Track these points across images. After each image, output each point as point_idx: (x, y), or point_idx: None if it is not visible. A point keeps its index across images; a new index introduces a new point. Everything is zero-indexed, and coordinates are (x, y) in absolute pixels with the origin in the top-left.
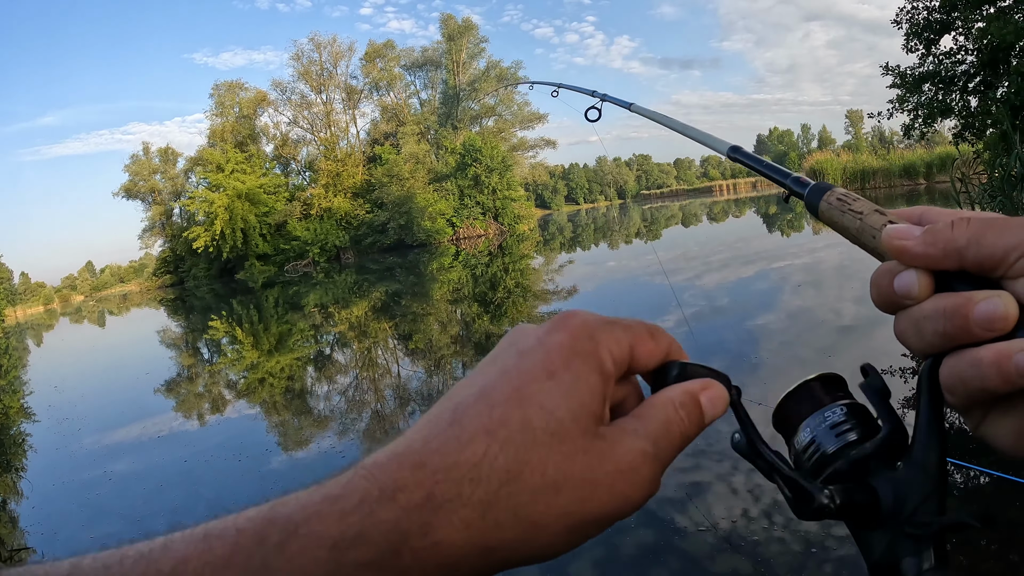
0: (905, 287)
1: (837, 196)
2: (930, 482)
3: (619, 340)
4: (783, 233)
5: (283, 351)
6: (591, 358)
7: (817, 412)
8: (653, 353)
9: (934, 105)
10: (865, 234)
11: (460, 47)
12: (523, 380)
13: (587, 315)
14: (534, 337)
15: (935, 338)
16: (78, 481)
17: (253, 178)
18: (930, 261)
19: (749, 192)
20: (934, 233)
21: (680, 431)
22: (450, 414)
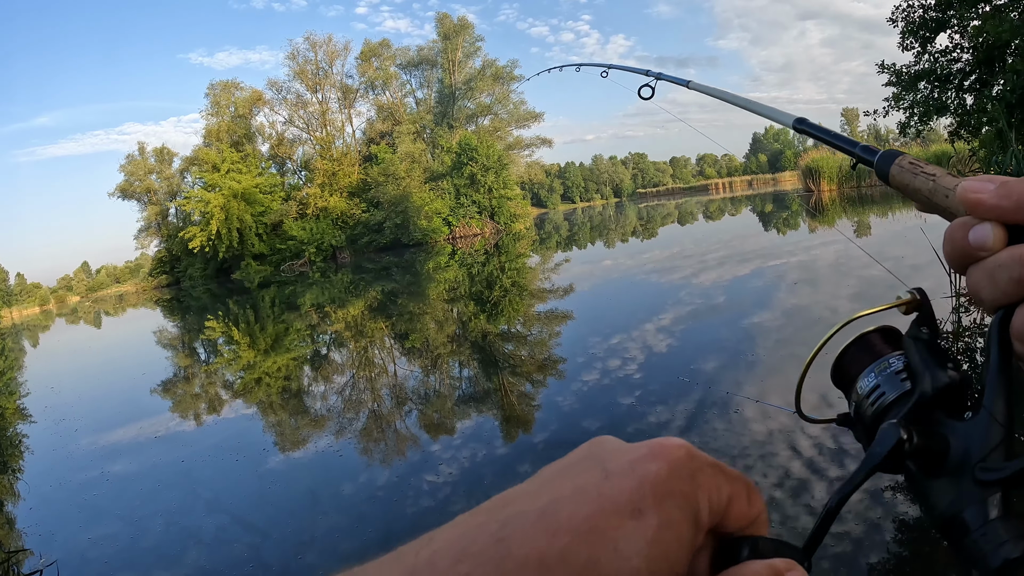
0: (980, 238)
1: (909, 160)
2: (999, 431)
3: (721, 489)
4: (779, 231)
5: (279, 351)
6: (688, 502)
7: (879, 360)
8: (744, 517)
9: (930, 103)
10: (938, 194)
11: (456, 46)
12: (602, 508)
13: (692, 449)
14: (626, 460)
15: (1010, 286)
16: (75, 482)
17: (249, 178)
18: (1005, 213)
19: (745, 190)
20: (1008, 186)
21: None
22: (497, 527)
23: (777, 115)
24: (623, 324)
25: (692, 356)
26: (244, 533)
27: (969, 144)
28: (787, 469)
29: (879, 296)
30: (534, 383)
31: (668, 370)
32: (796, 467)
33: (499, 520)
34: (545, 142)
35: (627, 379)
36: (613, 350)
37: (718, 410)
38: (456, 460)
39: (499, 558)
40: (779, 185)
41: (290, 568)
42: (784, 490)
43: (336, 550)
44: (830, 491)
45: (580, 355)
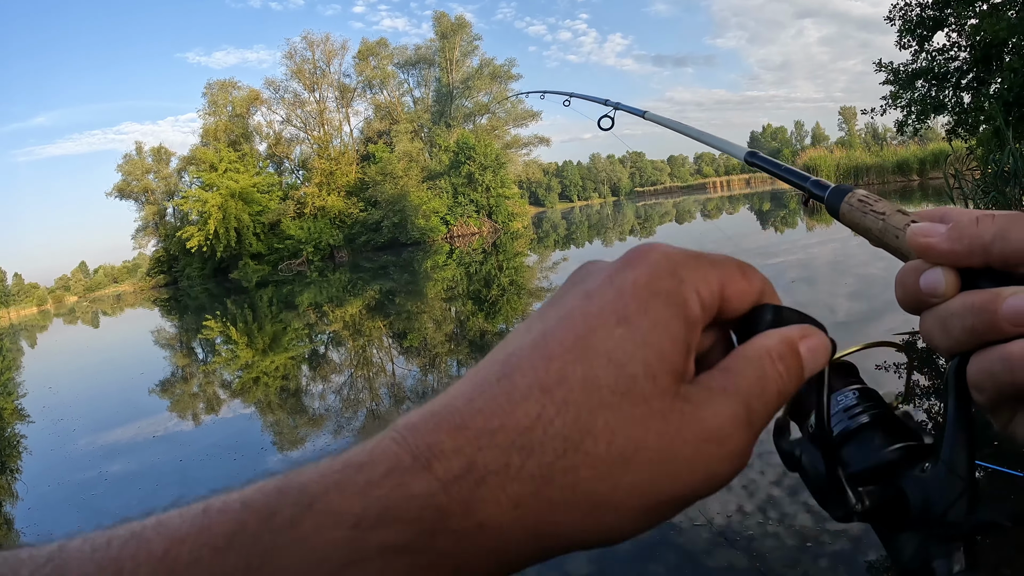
0: (931, 285)
1: (858, 198)
2: (960, 482)
3: (707, 278)
4: (776, 230)
5: (277, 350)
6: (674, 299)
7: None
8: (745, 294)
9: (927, 101)
10: (888, 234)
11: (453, 45)
12: (588, 326)
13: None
14: (604, 274)
15: (963, 335)
16: (73, 482)
17: (246, 177)
18: (956, 258)
19: (743, 189)
20: (959, 229)
21: (778, 388)
22: (500, 367)
23: (729, 148)
24: None
25: None
26: None
27: (966, 142)
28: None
29: (875, 296)
30: None
31: None
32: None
33: (500, 360)
34: (543, 141)
35: None
36: None
37: None
38: None
39: (505, 392)
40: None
41: None
42: (782, 488)
43: None
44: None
45: None
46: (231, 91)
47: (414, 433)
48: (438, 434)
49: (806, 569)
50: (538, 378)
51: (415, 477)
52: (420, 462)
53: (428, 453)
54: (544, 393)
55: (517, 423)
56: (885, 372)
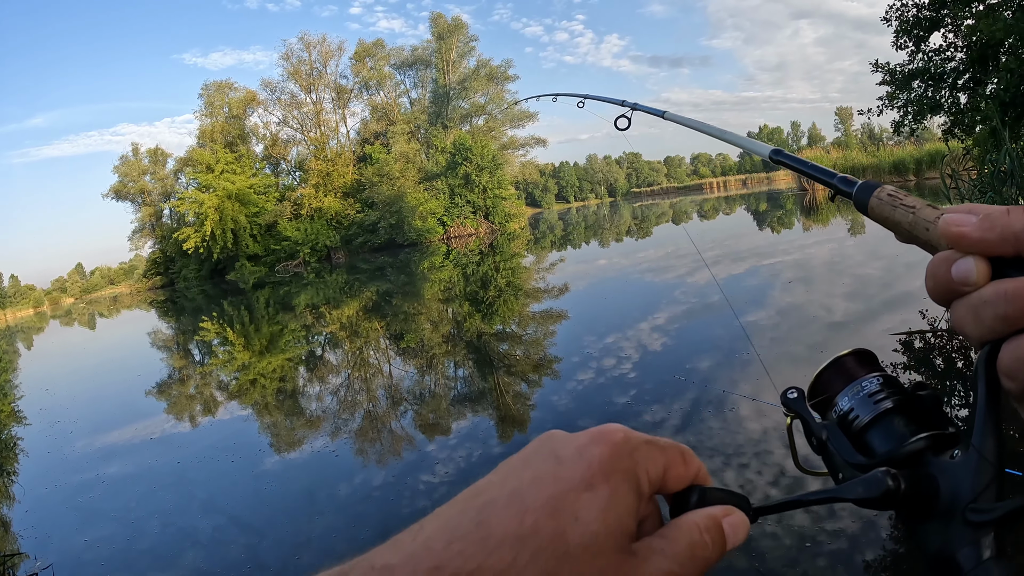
0: (963, 273)
1: (888, 192)
2: (989, 469)
3: (656, 461)
4: (773, 230)
5: (274, 352)
6: (630, 476)
7: (853, 383)
8: (682, 477)
9: (924, 102)
10: (918, 227)
11: (450, 46)
12: (560, 489)
13: (628, 431)
14: (573, 446)
15: (995, 323)
16: (71, 484)
17: (243, 178)
18: (988, 246)
19: (739, 189)
20: (991, 219)
21: (704, 556)
22: (475, 513)
23: (754, 146)
24: (618, 323)
25: (687, 355)
26: (240, 534)
27: (963, 143)
28: (782, 467)
29: (872, 295)
30: (529, 382)
31: (663, 369)
32: (791, 465)
33: (475, 507)
34: (539, 142)
35: (622, 378)
36: (608, 349)
37: (713, 408)
38: (452, 460)
39: (482, 538)
40: (773, 184)
41: (287, 569)
42: (780, 488)
43: (333, 550)
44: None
45: (575, 354)
46: (228, 92)
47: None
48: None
49: (805, 569)
50: (513, 528)
51: None
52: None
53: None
54: (518, 542)
55: (493, 567)
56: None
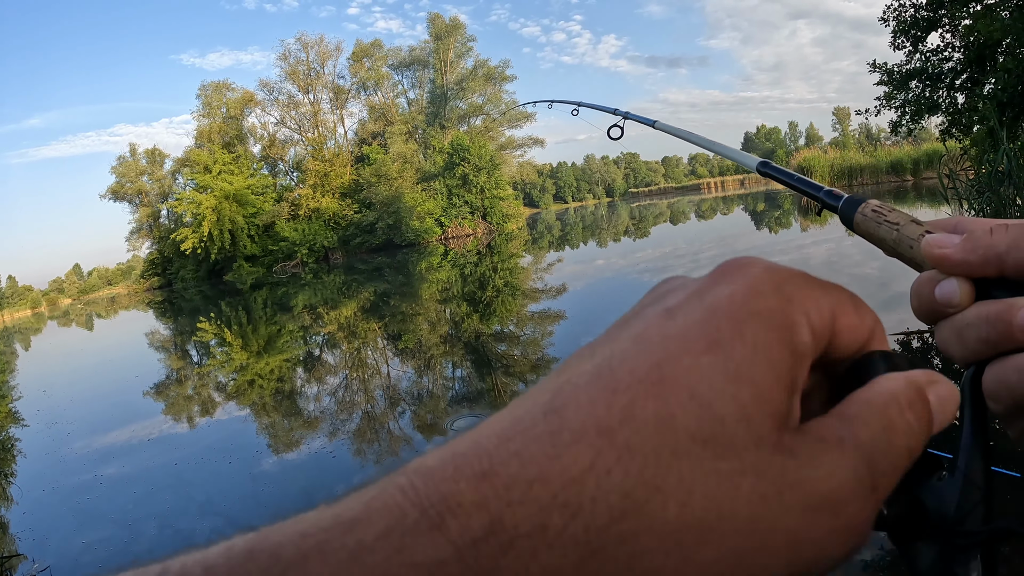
0: (947, 295)
1: (872, 208)
2: (976, 491)
3: (819, 302)
4: (771, 230)
5: (272, 352)
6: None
7: None
8: (857, 331)
9: (921, 102)
10: (903, 244)
11: (447, 46)
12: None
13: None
14: (691, 289)
15: (978, 345)
16: (68, 486)
17: (241, 179)
18: (970, 268)
19: (737, 189)
20: (974, 240)
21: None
22: (549, 398)
23: (741, 157)
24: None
25: None
26: None
27: (960, 143)
28: None
29: (870, 295)
30: (527, 383)
31: None
32: None
33: (551, 390)
34: (537, 142)
35: None
36: None
37: None
38: None
39: (552, 432)
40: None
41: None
42: None
43: None
44: None
45: None
46: (225, 93)
47: (426, 480)
48: (457, 482)
49: None
50: (596, 415)
51: (421, 539)
52: (430, 519)
53: (441, 506)
54: (602, 435)
55: (562, 472)
56: None
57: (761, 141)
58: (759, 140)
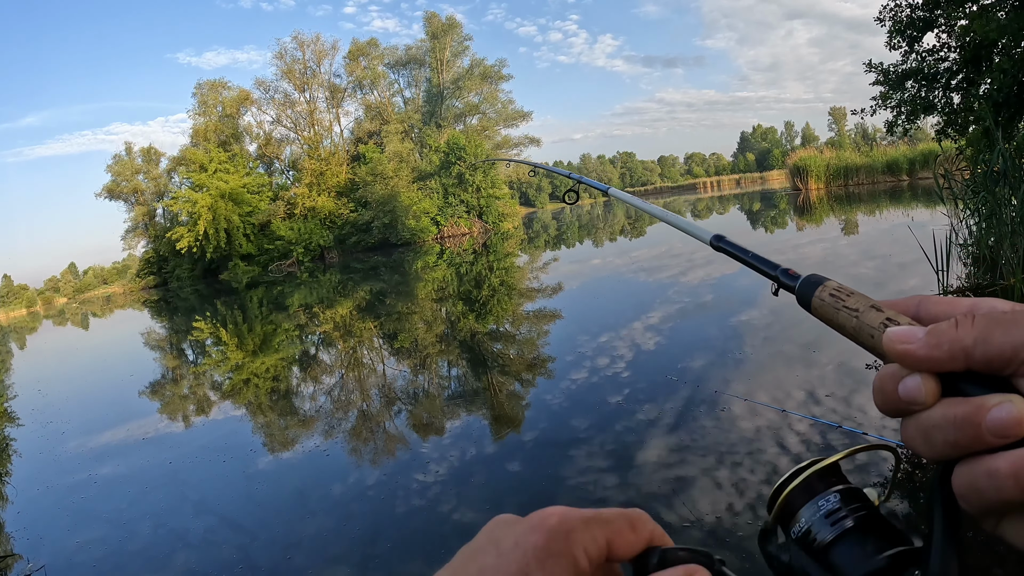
0: (911, 393)
1: (830, 292)
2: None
3: (595, 537)
4: (767, 230)
5: (268, 352)
6: (565, 559)
7: (811, 501)
8: (633, 544)
9: (917, 102)
10: (863, 333)
11: (444, 45)
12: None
13: (565, 514)
14: (512, 538)
15: (946, 448)
16: (63, 485)
17: (236, 178)
18: (936, 364)
19: (733, 189)
20: (938, 335)
21: None
22: None
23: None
24: (611, 323)
25: (680, 354)
26: (232, 535)
27: (956, 143)
28: (775, 465)
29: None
30: (523, 382)
31: (656, 368)
32: (784, 463)
33: None
34: (533, 141)
35: (615, 377)
36: (601, 349)
37: (706, 408)
38: (445, 459)
39: None
40: (767, 184)
41: (279, 569)
42: (772, 487)
43: (325, 551)
44: None
45: (569, 354)
46: (221, 91)
47: None
48: None
49: None
50: None
51: None
52: None
53: None
54: None
55: None
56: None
57: (757, 141)
58: (755, 140)
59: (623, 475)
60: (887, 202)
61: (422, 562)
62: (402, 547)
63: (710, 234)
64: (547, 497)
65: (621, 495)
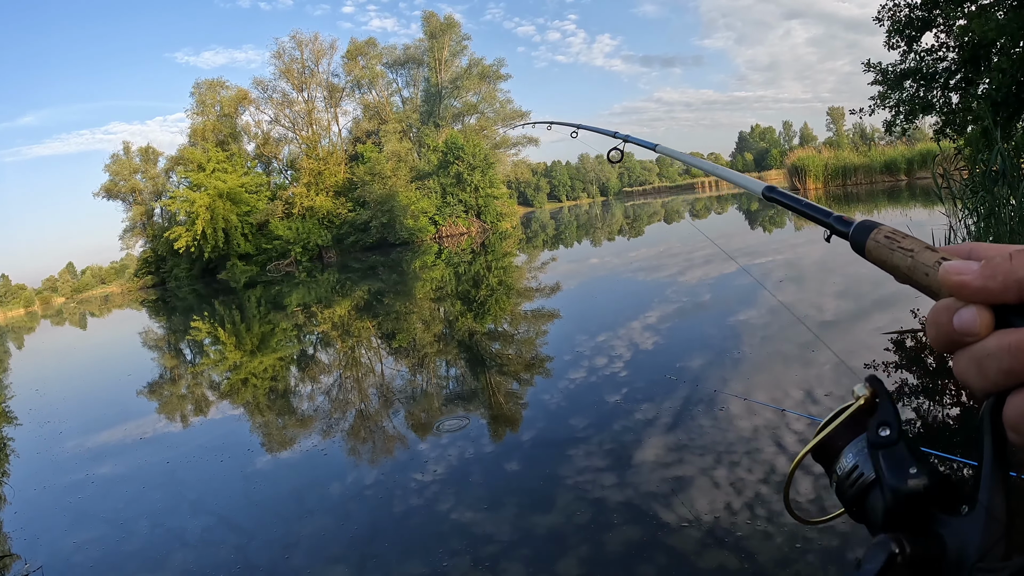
0: (967, 324)
1: (884, 234)
2: (997, 527)
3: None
4: (765, 229)
5: (266, 351)
6: None
7: (858, 438)
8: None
9: (915, 102)
10: (917, 272)
11: (442, 45)
12: None
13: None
14: None
15: (999, 376)
16: (60, 485)
17: (234, 177)
18: (990, 295)
19: (731, 189)
20: (993, 267)
21: None
22: None
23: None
24: (609, 322)
25: (678, 354)
26: (230, 534)
27: (954, 142)
28: (773, 464)
29: (864, 294)
30: (521, 381)
31: (654, 368)
32: (782, 463)
33: None
34: (531, 141)
35: (614, 377)
36: (600, 348)
37: (704, 407)
38: (443, 458)
39: None
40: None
41: (277, 569)
42: (770, 486)
43: (323, 550)
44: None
45: (567, 353)
46: (219, 91)
47: None
48: None
49: (797, 569)
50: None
51: None
52: None
53: None
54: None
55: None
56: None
57: (756, 140)
58: (754, 139)
59: (621, 474)
60: (885, 202)
61: (420, 561)
62: (400, 547)
63: (762, 185)
64: (546, 496)
65: (619, 494)
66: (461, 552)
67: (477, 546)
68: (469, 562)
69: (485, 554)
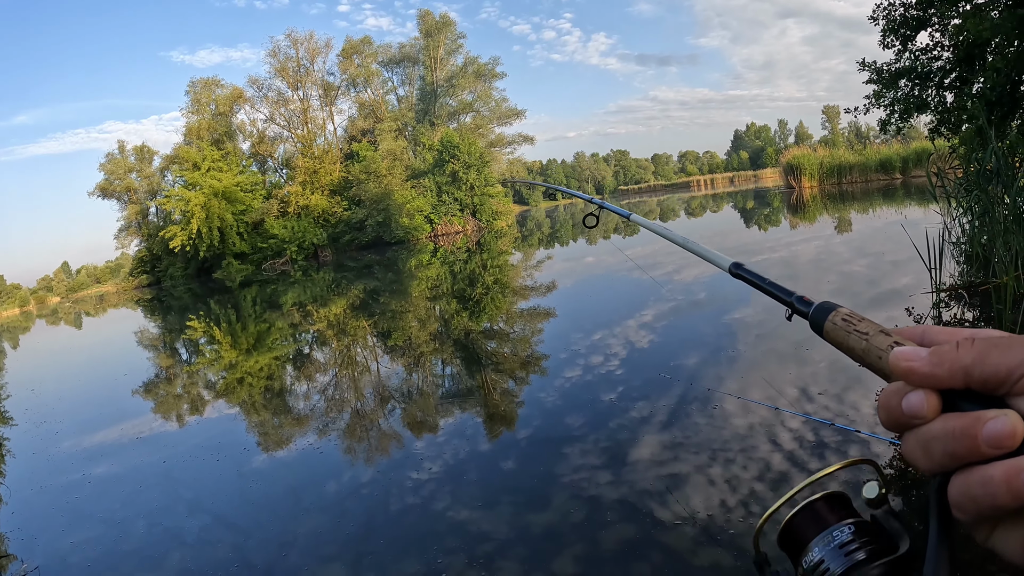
0: (914, 407)
1: (842, 317)
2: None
3: None
4: (760, 228)
5: (261, 350)
6: None
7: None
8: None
9: (910, 100)
10: (871, 355)
11: (437, 43)
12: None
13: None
14: None
15: (944, 458)
16: (56, 485)
17: (230, 176)
18: (937, 381)
19: (727, 187)
20: (940, 354)
21: None
22: None
23: (714, 257)
24: (605, 321)
25: (673, 352)
26: (227, 533)
27: (949, 141)
28: (767, 462)
29: (858, 292)
30: (516, 380)
31: (650, 366)
32: (776, 460)
33: None
34: (527, 139)
35: (609, 375)
36: (595, 347)
37: (699, 405)
38: (439, 457)
39: None
40: (761, 182)
41: (274, 568)
42: (765, 483)
43: (319, 549)
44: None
45: (562, 352)
46: (214, 89)
47: None
48: None
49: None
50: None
51: None
52: None
53: None
54: None
55: None
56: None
57: (751, 139)
58: (749, 138)
59: (616, 472)
60: (880, 200)
61: (416, 560)
62: (396, 545)
63: (729, 261)
64: (541, 494)
65: (614, 492)
66: (457, 550)
67: (472, 544)
68: (464, 560)
69: (480, 552)
